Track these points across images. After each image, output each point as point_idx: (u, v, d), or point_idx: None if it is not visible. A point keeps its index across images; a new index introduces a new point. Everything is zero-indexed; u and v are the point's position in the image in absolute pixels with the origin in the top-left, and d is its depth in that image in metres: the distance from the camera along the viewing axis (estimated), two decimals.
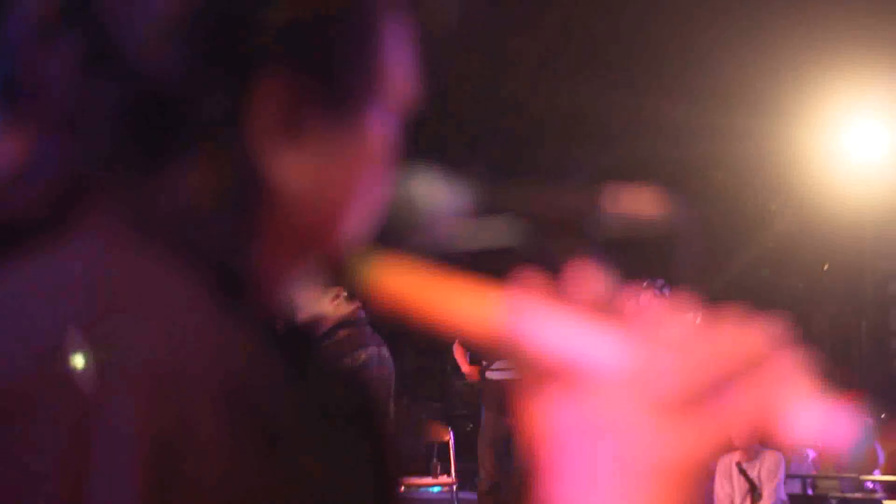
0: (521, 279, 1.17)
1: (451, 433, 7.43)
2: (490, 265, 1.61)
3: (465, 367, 7.17)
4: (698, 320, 0.98)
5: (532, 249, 1.46)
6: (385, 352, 5.72)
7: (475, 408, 6.34)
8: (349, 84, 1.21)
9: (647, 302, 1.04)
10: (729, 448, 6.93)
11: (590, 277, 1.13)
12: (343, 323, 5.57)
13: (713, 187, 6.38)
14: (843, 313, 7.70)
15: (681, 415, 0.93)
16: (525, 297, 1.15)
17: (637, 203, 1.54)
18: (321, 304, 5.50)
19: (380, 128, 1.28)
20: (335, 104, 1.21)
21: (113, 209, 1.08)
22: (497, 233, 1.46)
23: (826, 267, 6.63)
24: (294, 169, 1.19)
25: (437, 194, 1.41)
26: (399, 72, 1.29)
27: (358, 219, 1.29)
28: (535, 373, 1.27)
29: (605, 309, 1.13)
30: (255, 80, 1.15)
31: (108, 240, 1.05)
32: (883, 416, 7.91)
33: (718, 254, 6.32)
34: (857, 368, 8.18)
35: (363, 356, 5.61)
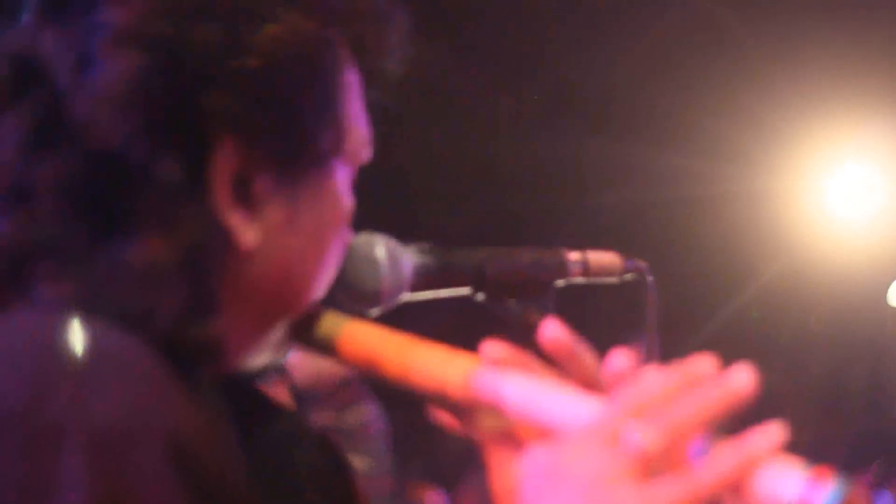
0: (487, 341, 1.19)
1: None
2: (452, 323, 1.63)
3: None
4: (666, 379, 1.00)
5: (496, 309, 1.47)
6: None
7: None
8: (305, 146, 1.22)
9: (615, 364, 1.06)
10: None
11: (557, 338, 1.14)
12: (343, 381, 5.58)
13: (695, 234, 6.37)
14: (835, 361, 7.70)
15: (645, 476, 0.94)
16: (491, 358, 1.17)
17: (601, 262, 1.55)
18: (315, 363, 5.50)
19: (339, 188, 1.29)
20: (292, 167, 1.22)
21: (62, 281, 1.08)
22: (458, 289, 1.47)
23: (814, 320, 6.62)
24: (253, 234, 1.20)
25: (396, 254, 1.43)
26: (356, 130, 1.30)
27: (321, 279, 1.30)
28: (501, 431, 1.28)
29: (572, 370, 1.15)
30: (208, 146, 1.16)
31: (55, 310, 1.06)
32: (879, 463, 7.87)
33: (703, 304, 6.28)
34: (850, 417, 8.17)
35: (365, 411, 5.60)
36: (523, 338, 1.46)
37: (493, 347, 1.19)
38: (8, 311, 1.08)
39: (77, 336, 1.01)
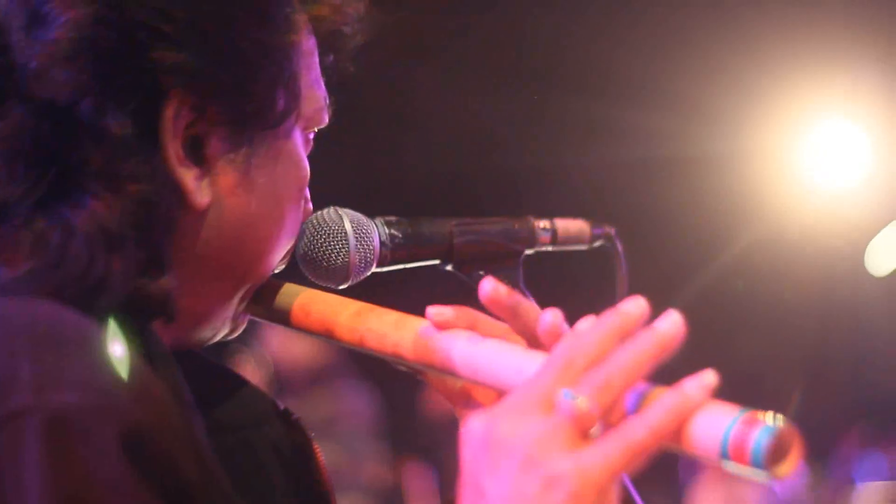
0: (431, 305, 1.23)
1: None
2: (418, 288, 1.67)
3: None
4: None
5: (466, 279, 1.50)
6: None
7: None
8: (259, 107, 1.26)
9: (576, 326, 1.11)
10: None
11: (495, 294, 1.19)
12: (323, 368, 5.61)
13: (664, 197, 6.37)
14: (813, 328, 7.75)
15: (582, 439, 0.98)
16: (439, 320, 1.22)
17: (569, 229, 1.59)
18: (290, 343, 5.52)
19: (295, 151, 1.32)
20: (245, 127, 1.26)
21: (17, 254, 1.12)
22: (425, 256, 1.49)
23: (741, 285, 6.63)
24: (205, 193, 1.24)
25: (363, 228, 1.46)
26: (313, 95, 1.34)
27: (278, 245, 1.34)
28: (454, 392, 1.33)
29: (516, 326, 1.20)
30: (159, 102, 1.20)
31: (14, 294, 1.10)
32: (861, 426, 7.96)
33: (675, 269, 6.31)
34: (832, 385, 8.25)
35: (344, 398, 5.63)
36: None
37: (438, 310, 1.23)
38: None
39: (36, 322, 1.05)
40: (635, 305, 1.05)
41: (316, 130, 1.39)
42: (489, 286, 1.18)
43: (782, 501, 7.48)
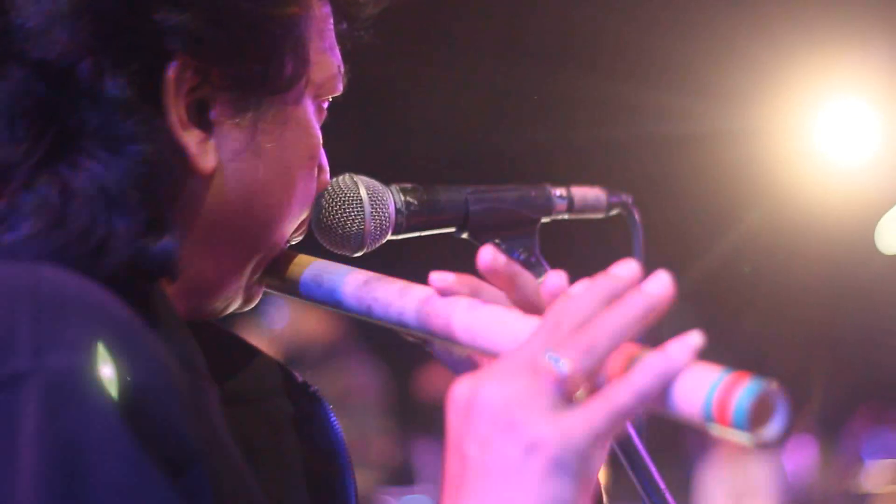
0: (434, 272, 1.22)
1: None
2: (427, 254, 1.66)
3: None
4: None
5: (478, 241, 1.50)
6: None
7: None
8: (265, 71, 1.24)
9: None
10: None
11: (493, 263, 1.18)
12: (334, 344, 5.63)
13: (678, 173, 6.37)
14: (823, 306, 7.75)
15: (567, 402, 0.97)
16: (441, 287, 1.21)
17: (585, 197, 1.58)
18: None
19: (305, 118, 1.31)
20: (251, 91, 1.24)
21: (18, 217, 1.11)
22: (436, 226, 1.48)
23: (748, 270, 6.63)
24: (210, 157, 1.23)
25: (379, 195, 1.45)
26: (325, 62, 1.33)
27: (289, 212, 1.32)
28: (458, 364, 1.32)
29: (515, 295, 1.19)
30: (161, 64, 1.19)
31: (17, 257, 1.09)
32: (871, 404, 7.98)
33: (687, 245, 6.30)
34: (842, 363, 8.25)
35: (354, 375, 5.65)
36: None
37: (441, 276, 1.22)
38: None
39: (37, 285, 1.03)
40: (627, 268, 1.04)
41: (329, 99, 1.37)
42: (487, 255, 1.17)
43: (791, 478, 7.49)
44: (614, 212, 1.66)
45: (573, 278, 1.15)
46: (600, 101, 5.90)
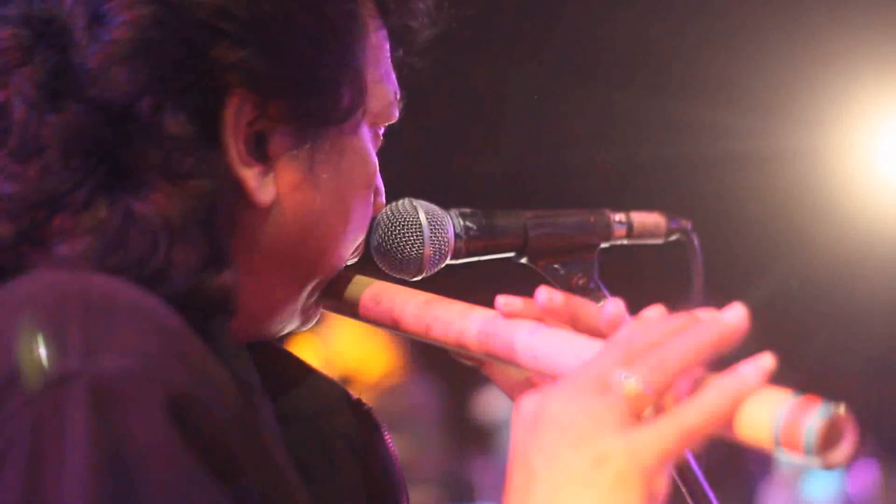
0: (500, 295, 1.22)
1: None
2: (486, 279, 1.65)
3: None
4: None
5: (540, 272, 1.49)
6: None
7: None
8: (323, 103, 1.25)
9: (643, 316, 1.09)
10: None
11: (573, 305, 1.17)
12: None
13: (740, 193, 6.32)
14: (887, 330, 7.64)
15: (635, 420, 0.96)
16: (516, 312, 1.20)
17: (645, 222, 1.57)
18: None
19: (363, 147, 1.31)
20: (309, 124, 1.25)
21: (77, 237, 1.12)
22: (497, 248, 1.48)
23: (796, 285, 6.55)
24: (268, 190, 1.23)
25: (438, 219, 1.45)
26: (382, 90, 1.33)
27: (347, 240, 1.33)
28: (515, 386, 1.32)
29: (579, 326, 1.18)
30: (220, 100, 1.19)
31: (73, 268, 1.10)
32: None
33: (749, 266, 6.25)
34: None
35: (412, 392, 5.67)
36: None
37: (507, 300, 1.22)
38: (30, 270, 1.12)
39: (90, 290, 1.05)
40: (707, 313, 1.03)
41: (386, 126, 1.38)
42: (543, 296, 1.17)
43: (853, 499, 7.39)
44: (674, 237, 1.64)
45: (632, 303, 1.14)
46: (663, 120, 5.88)
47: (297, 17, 1.22)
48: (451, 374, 5.50)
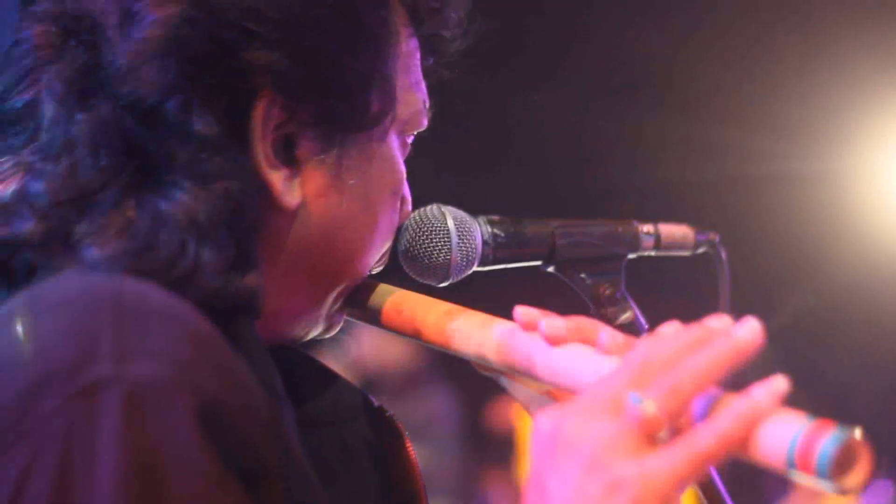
0: (519, 306, 1.21)
1: None
2: (523, 295, 1.64)
3: None
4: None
5: (567, 281, 1.48)
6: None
7: None
8: (352, 108, 1.24)
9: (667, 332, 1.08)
10: None
11: (579, 329, 1.16)
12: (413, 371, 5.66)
13: (764, 214, 6.31)
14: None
15: (649, 443, 0.96)
16: (525, 322, 1.20)
17: (672, 234, 1.56)
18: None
19: (390, 154, 1.31)
20: (337, 128, 1.24)
21: (106, 237, 1.11)
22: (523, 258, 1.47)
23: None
24: (294, 193, 1.23)
25: (466, 226, 1.45)
26: (411, 98, 1.32)
27: (372, 246, 1.32)
28: (543, 395, 1.31)
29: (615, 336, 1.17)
30: (249, 101, 1.19)
31: (103, 270, 1.10)
32: None
33: (781, 282, 6.23)
34: None
35: (432, 402, 5.66)
36: (594, 310, 1.49)
37: (525, 311, 1.21)
38: (58, 272, 1.11)
39: (121, 295, 1.04)
40: (718, 320, 1.02)
41: (414, 134, 1.37)
42: (550, 327, 1.16)
43: None
44: (701, 250, 1.63)
45: (658, 315, 1.14)
46: (690, 141, 5.87)
47: (329, 22, 1.22)
48: (469, 384, 5.49)
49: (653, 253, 1.58)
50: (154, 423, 0.96)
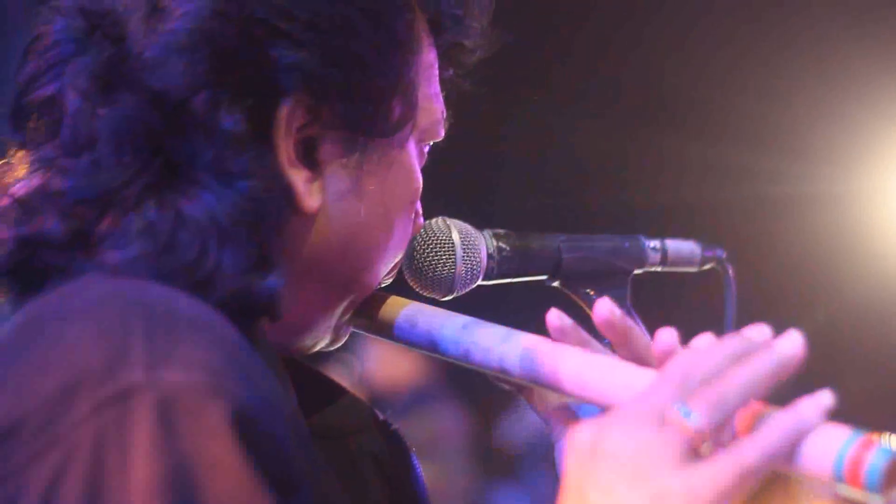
0: (553, 319, 1.20)
1: None
2: (528, 309, 1.63)
3: None
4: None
5: (572, 295, 1.47)
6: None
7: None
8: (375, 114, 1.23)
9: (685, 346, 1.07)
10: None
11: (610, 317, 1.15)
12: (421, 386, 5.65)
13: (775, 234, 6.30)
14: None
15: (693, 456, 0.94)
16: (565, 330, 1.18)
17: (679, 250, 1.55)
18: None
19: (409, 162, 1.30)
20: (359, 133, 1.24)
21: (128, 238, 1.10)
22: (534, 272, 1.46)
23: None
24: (315, 196, 1.22)
25: (471, 239, 1.43)
26: (431, 108, 1.32)
27: (387, 255, 1.31)
28: (554, 411, 1.30)
29: (627, 350, 1.16)
30: (275, 101, 1.18)
31: (128, 275, 1.08)
32: None
33: (794, 302, 6.22)
34: None
35: (440, 417, 5.65)
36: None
37: (558, 314, 1.20)
38: (79, 274, 1.11)
39: (151, 301, 1.03)
40: (759, 332, 1.01)
41: (431, 144, 1.37)
42: (605, 307, 1.15)
43: None
44: (708, 266, 1.62)
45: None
46: (702, 162, 5.87)
47: (357, 24, 1.21)
48: (476, 398, 5.47)
49: (659, 268, 1.56)
50: (188, 429, 0.95)
